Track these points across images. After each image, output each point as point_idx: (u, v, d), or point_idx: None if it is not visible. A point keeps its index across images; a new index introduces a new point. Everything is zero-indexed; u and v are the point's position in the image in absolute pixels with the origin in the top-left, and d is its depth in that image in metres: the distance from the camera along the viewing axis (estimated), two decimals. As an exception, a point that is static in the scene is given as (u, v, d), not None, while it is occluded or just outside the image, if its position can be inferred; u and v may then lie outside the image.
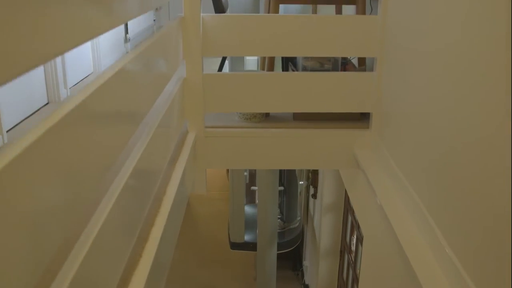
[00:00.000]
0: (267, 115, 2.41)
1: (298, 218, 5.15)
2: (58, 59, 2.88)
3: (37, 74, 2.67)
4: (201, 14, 2.08)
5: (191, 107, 2.18)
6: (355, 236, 3.65)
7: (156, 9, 5.82)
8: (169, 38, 1.80)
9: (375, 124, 2.26)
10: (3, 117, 2.30)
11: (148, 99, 1.42)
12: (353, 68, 2.56)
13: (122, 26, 4.23)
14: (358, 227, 3.43)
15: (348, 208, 3.86)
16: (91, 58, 3.62)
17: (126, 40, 4.43)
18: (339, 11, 2.84)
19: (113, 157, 1.02)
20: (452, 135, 1.40)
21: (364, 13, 2.46)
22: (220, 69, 2.57)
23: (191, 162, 2.07)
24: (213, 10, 2.57)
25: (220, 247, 5.62)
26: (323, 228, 4.24)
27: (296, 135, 2.32)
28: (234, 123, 2.36)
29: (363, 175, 2.21)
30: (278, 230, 4.75)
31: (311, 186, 4.76)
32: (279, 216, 4.97)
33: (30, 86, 2.64)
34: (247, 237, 4.84)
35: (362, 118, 2.41)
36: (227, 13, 2.74)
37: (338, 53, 2.29)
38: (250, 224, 4.88)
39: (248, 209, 5.11)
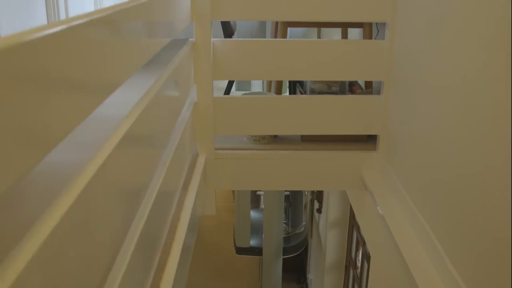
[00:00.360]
0: (275, 136, 2.46)
1: (304, 223, 5.19)
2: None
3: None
4: (212, 39, 2.13)
5: (201, 130, 2.23)
6: (360, 252, 3.68)
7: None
8: (184, 64, 1.85)
9: (382, 146, 2.31)
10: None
11: (168, 125, 1.47)
12: (360, 90, 2.61)
13: None
14: (364, 243, 3.47)
15: (353, 224, 3.89)
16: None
17: None
18: (345, 34, 2.90)
19: (144, 183, 1.07)
20: (459, 160, 1.45)
21: (370, 35, 2.51)
22: (228, 91, 2.62)
23: (202, 184, 2.12)
24: (221, 33, 2.62)
25: (225, 256, 5.66)
26: (328, 243, 4.27)
27: (304, 156, 2.36)
28: (243, 145, 2.41)
29: (370, 196, 2.25)
30: (284, 235, 4.79)
31: (315, 200, 4.80)
32: (285, 221, 5.02)
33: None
34: (252, 242, 4.88)
35: (369, 140, 2.45)
36: (235, 37, 2.80)
37: (346, 77, 2.34)
38: (256, 229, 4.92)
39: (253, 214, 5.15)
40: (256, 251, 4.82)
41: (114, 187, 0.89)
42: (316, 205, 4.76)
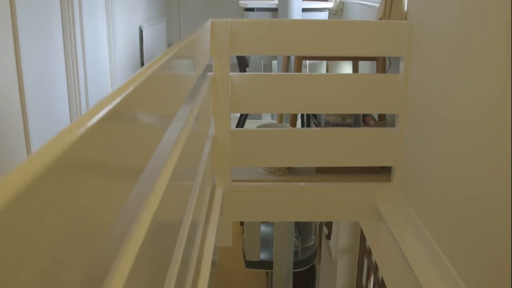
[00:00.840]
0: (290, 167, 2.50)
1: (313, 237, 5.19)
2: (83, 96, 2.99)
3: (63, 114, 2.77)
4: (230, 73, 2.19)
5: (219, 162, 2.27)
6: (372, 280, 3.69)
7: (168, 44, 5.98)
8: (206, 100, 1.91)
9: (398, 178, 2.35)
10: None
11: (197, 160, 1.52)
12: (373, 120, 2.66)
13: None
14: (376, 270, 3.48)
15: (363, 251, 3.91)
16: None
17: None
18: (356, 66, 2.97)
19: (180, 217, 1.11)
20: (476, 192, 1.49)
21: (384, 68, 2.57)
22: (242, 124, 2.67)
23: (220, 217, 2.15)
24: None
25: (235, 270, 5.65)
26: (338, 269, 4.28)
27: (318, 188, 2.40)
28: (258, 176, 2.45)
29: (385, 227, 2.28)
30: (294, 249, 4.79)
31: (324, 226, 4.82)
32: (294, 235, 5.02)
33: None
34: (263, 256, 4.87)
35: (382, 171, 2.49)
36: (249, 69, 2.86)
37: (361, 110, 2.39)
38: (266, 242, 4.92)
39: (263, 228, 5.16)
40: (266, 265, 4.81)
41: (165, 221, 0.94)
42: (325, 230, 4.78)
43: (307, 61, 4.00)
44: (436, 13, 2.04)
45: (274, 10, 3.78)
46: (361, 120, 2.56)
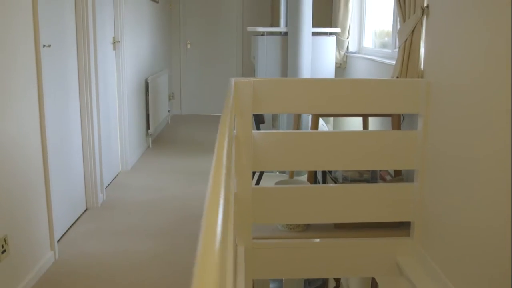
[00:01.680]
0: (309, 223, 2.51)
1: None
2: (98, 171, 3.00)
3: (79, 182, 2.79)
4: (252, 131, 2.23)
5: (241, 220, 2.28)
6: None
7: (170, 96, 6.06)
8: (227, 158, 1.94)
9: (418, 233, 2.37)
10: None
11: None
12: (388, 174, 2.70)
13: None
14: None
15: (374, 306, 3.87)
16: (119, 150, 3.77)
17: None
18: (366, 121, 3.03)
19: None
20: (502, 245, 1.51)
21: (399, 124, 2.63)
22: (259, 181, 2.69)
23: (246, 276, 2.15)
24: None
25: None
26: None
27: (337, 244, 2.41)
28: (277, 232, 2.46)
29: (406, 282, 2.29)
30: None
31: (333, 279, 4.77)
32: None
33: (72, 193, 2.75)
34: None
35: (400, 226, 2.51)
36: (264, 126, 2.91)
37: (380, 166, 2.43)
38: None
39: (272, 285, 5.08)
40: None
41: None
42: (333, 282, 4.73)
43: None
44: (453, 71, 2.12)
45: (283, 34, 3.87)
46: (378, 176, 2.59)
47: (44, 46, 2.28)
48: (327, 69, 3.97)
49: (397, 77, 2.41)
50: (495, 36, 1.77)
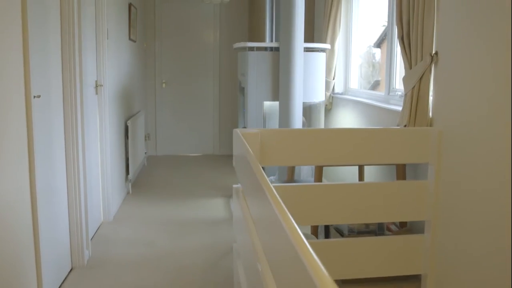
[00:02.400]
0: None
1: None
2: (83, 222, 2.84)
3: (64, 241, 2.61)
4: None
5: None
6: None
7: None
8: (238, 212, 1.83)
9: (430, 285, 2.29)
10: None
11: None
12: (393, 224, 2.63)
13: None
14: None
15: None
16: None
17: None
18: (361, 170, 2.98)
19: None
20: None
21: (404, 174, 2.58)
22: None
23: None
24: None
25: None
26: None
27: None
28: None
29: None
30: None
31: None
32: None
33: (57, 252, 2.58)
34: None
35: (409, 278, 2.44)
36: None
37: (389, 218, 2.36)
38: None
39: None
40: None
41: None
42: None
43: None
44: (465, 119, 2.09)
45: (274, 49, 3.78)
46: (385, 226, 2.52)
47: (34, 97, 2.15)
48: (318, 86, 3.90)
49: (405, 126, 2.37)
50: (510, 83, 1.74)
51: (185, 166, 6.13)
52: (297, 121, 3.67)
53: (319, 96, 3.98)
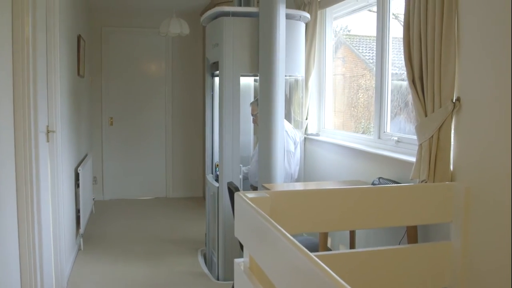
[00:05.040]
0: None
1: None
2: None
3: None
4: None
5: None
6: None
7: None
8: None
9: None
10: None
11: None
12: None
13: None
14: None
15: None
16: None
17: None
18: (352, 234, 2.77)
19: None
20: None
21: (416, 235, 2.37)
22: None
23: None
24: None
25: None
26: None
27: None
28: None
29: None
30: None
31: None
32: None
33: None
34: None
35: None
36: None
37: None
38: None
39: None
40: None
41: None
42: None
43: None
44: (493, 174, 1.93)
45: (253, 15, 3.48)
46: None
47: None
48: (299, 58, 3.73)
49: (424, 181, 2.16)
50: None
51: (137, 213, 5.71)
52: (280, 98, 3.40)
53: (300, 70, 3.73)
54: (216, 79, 4.03)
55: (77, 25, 4.59)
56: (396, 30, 3.08)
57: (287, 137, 3.61)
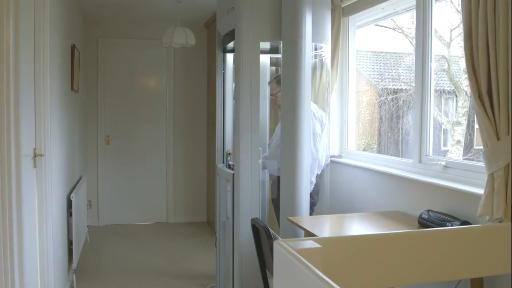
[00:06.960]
0: None
1: None
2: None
3: None
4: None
5: None
6: None
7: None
8: None
9: None
10: None
11: None
12: None
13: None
14: None
15: None
16: None
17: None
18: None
19: None
20: None
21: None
22: None
23: None
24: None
25: None
26: None
27: None
28: None
29: None
30: None
31: None
32: None
33: None
34: None
35: None
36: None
37: None
38: None
39: None
40: None
41: None
42: None
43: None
44: None
45: None
46: None
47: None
48: (326, 26, 3.26)
49: (499, 220, 1.77)
50: None
51: (136, 241, 5.29)
52: (307, 67, 2.96)
53: (327, 39, 3.26)
54: (228, 56, 3.66)
55: (70, 33, 4.22)
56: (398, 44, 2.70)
57: (313, 118, 3.19)
